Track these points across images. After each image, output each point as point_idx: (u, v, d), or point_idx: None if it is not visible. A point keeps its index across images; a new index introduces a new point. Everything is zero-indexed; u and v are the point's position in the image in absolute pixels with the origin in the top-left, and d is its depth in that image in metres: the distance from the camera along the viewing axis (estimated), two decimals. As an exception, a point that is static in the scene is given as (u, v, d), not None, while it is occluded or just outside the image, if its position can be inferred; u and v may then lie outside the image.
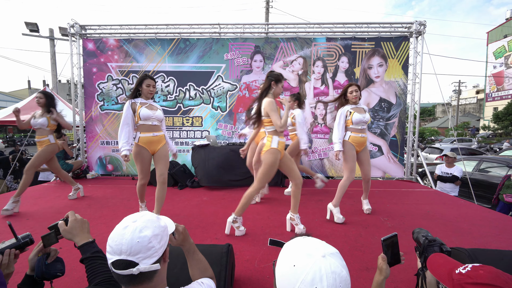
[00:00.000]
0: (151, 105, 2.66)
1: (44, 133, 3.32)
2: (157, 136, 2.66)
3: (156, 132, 2.65)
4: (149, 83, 2.62)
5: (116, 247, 0.74)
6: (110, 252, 0.75)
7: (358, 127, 2.93)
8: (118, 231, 0.77)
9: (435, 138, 24.44)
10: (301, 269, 0.61)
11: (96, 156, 5.39)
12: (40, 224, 2.73)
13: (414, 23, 4.90)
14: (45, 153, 3.29)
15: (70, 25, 5.16)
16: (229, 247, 1.50)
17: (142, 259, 0.74)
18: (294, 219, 2.53)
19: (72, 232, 1.00)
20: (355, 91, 2.90)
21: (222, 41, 5.17)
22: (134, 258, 0.73)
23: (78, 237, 0.99)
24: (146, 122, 2.58)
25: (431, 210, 3.23)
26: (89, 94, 5.33)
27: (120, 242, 0.74)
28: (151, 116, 2.58)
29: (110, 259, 0.75)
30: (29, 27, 10.26)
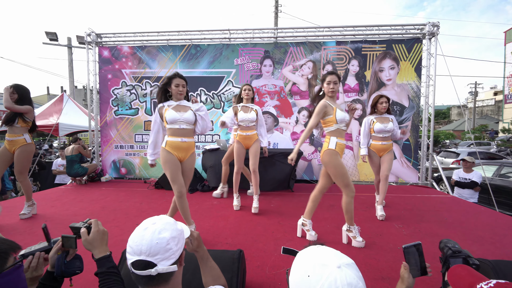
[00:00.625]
0: (180, 105, 2.33)
1: (17, 132, 2.92)
2: (186, 142, 2.33)
3: (184, 137, 2.32)
4: (178, 83, 2.30)
5: (136, 247, 0.77)
6: (130, 253, 0.78)
7: (380, 135, 3.20)
8: (138, 232, 0.80)
9: (450, 141, 23.65)
10: (315, 280, 0.60)
11: (110, 159, 5.54)
12: (57, 225, 2.82)
13: (427, 24, 4.79)
14: (26, 155, 2.96)
15: (87, 33, 5.36)
16: (241, 253, 1.49)
17: (160, 260, 0.76)
18: (306, 224, 2.48)
19: (93, 243, 0.99)
20: (385, 102, 3.18)
21: (232, 47, 5.23)
22: (153, 259, 0.76)
23: (97, 249, 0.99)
24: (173, 126, 2.29)
25: (448, 217, 3.11)
26: (104, 99, 5.50)
27: (140, 243, 0.77)
28: (178, 119, 2.26)
29: (130, 259, 0.78)
30: (49, 36, 10.73)
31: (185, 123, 2.30)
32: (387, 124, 3.18)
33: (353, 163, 5.10)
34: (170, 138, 2.31)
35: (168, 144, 2.31)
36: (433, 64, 4.83)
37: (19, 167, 2.96)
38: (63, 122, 6.70)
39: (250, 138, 3.26)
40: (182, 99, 2.37)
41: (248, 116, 3.20)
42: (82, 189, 4.57)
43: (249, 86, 3.30)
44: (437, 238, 2.51)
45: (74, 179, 4.96)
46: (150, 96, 5.42)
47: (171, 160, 2.28)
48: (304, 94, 5.14)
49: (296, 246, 0.92)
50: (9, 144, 2.94)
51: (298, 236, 2.53)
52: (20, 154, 2.93)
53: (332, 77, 2.30)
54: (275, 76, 5.19)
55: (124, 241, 2.49)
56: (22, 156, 2.94)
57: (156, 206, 3.61)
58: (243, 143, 3.25)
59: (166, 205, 3.66)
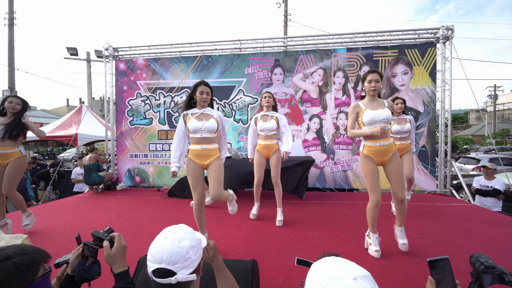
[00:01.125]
0: (204, 114, 2.34)
1: (11, 144, 2.78)
2: (206, 149, 2.32)
3: (205, 144, 2.32)
4: (203, 90, 2.30)
5: (157, 255, 0.79)
6: (151, 261, 0.80)
7: (397, 136, 3.30)
8: (159, 241, 0.83)
9: (469, 147, 22.68)
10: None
11: (125, 168, 5.69)
12: (75, 232, 2.90)
13: (440, 28, 4.71)
14: (20, 167, 2.83)
15: (105, 48, 5.63)
16: (255, 263, 1.48)
17: (180, 269, 0.78)
18: (395, 231, 2.38)
19: (114, 258, 1.00)
20: (400, 103, 3.32)
21: (243, 56, 5.33)
22: (173, 267, 0.78)
23: (117, 264, 1.00)
24: (195, 135, 2.31)
25: (471, 228, 2.96)
26: (120, 110, 5.70)
27: (161, 251, 0.79)
28: (200, 128, 2.28)
29: (151, 267, 0.80)
30: (70, 51, 11.32)
31: (206, 131, 2.31)
32: (404, 125, 3.31)
33: (367, 170, 4.98)
34: (192, 146, 2.36)
35: (190, 152, 2.37)
36: (449, 68, 4.71)
37: (11, 180, 2.76)
38: (82, 132, 6.98)
39: (270, 147, 3.11)
40: (206, 107, 2.37)
41: (267, 125, 3.08)
42: (98, 197, 4.70)
43: (270, 93, 3.17)
44: (458, 249, 2.39)
45: (91, 187, 5.12)
46: (163, 106, 5.57)
47: (193, 168, 2.32)
48: (315, 101, 5.12)
49: (310, 257, 0.91)
50: (2, 157, 2.76)
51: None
52: (14, 166, 2.76)
53: (373, 75, 2.25)
54: (286, 84, 5.22)
55: (139, 249, 2.54)
56: (16, 168, 2.78)
57: (169, 214, 3.66)
58: (262, 152, 3.14)
59: (179, 213, 3.71)
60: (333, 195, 4.65)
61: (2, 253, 0.70)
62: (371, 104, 2.31)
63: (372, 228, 2.34)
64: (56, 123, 7.86)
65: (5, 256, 0.69)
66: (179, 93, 5.54)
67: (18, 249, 0.73)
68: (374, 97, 2.33)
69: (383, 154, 2.27)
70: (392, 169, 2.28)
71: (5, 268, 0.67)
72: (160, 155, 5.54)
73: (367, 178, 2.29)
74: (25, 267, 0.70)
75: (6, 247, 0.73)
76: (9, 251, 0.71)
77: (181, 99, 5.52)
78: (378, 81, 2.26)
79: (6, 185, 2.76)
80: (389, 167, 2.30)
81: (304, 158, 4.38)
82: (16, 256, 0.71)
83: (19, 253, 0.72)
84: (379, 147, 2.26)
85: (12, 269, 0.68)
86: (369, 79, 2.28)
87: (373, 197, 2.26)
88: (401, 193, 2.26)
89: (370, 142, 2.29)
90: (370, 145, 2.29)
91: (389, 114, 2.27)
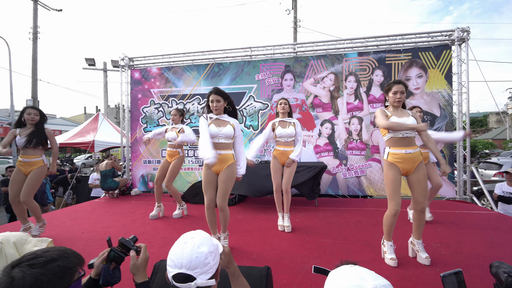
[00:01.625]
0: (220, 120, 2.43)
1: (36, 153, 2.91)
2: (221, 155, 2.37)
3: (220, 150, 2.38)
4: (213, 98, 2.39)
5: (177, 260, 0.81)
6: (171, 266, 0.82)
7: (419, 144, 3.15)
8: (178, 246, 0.85)
9: (490, 151, 21.69)
10: None
11: (139, 174, 5.82)
12: (93, 236, 2.99)
13: (455, 30, 4.59)
14: (41, 176, 2.92)
15: (121, 58, 5.86)
16: (268, 270, 1.47)
17: (199, 274, 0.80)
18: (414, 244, 2.30)
19: (139, 268, 1.03)
20: (418, 112, 3.09)
21: (253, 63, 5.39)
22: (193, 273, 0.80)
23: (140, 274, 1.03)
24: (213, 140, 2.37)
25: (494, 237, 2.81)
26: (134, 117, 5.88)
27: (181, 257, 0.81)
28: (217, 134, 2.36)
29: (171, 272, 0.82)
30: (88, 62, 11.83)
31: (224, 137, 2.39)
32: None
33: (381, 177, 4.86)
34: None
35: None
36: (465, 70, 4.57)
37: (30, 188, 2.85)
38: (98, 139, 7.23)
39: (287, 154, 3.07)
40: (220, 114, 2.45)
41: (287, 132, 3.06)
42: (114, 202, 4.83)
43: (286, 100, 3.17)
44: (482, 260, 2.27)
45: (107, 192, 5.26)
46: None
47: (205, 173, 2.42)
48: (326, 106, 5.09)
49: (323, 265, 0.90)
50: (25, 165, 2.88)
51: (410, 255, 2.34)
52: (36, 175, 2.87)
53: (398, 86, 2.23)
54: (296, 90, 5.22)
55: (154, 254, 2.57)
56: (37, 177, 2.88)
57: (182, 219, 3.70)
58: (279, 159, 3.11)
59: (192, 218, 3.74)
60: (346, 202, 4.56)
61: (48, 255, 0.74)
62: (396, 112, 2.29)
63: (387, 236, 2.28)
64: (74, 130, 8.19)
65: (51, 258, 0.73)
66: (190, 100, 5.65)
67: (60, 252, 0.77)
68: (397, 108, 2.31)
69: (409, 162, 2.19)
70: (418, 179, 2.19)
71: (51, 270, 0.70)
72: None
73: (388, 185, 2.22)
74: (67, 270, 0.74)
75: (49, 249, 0.78)
76: (53, 253, 0.75)
77: (192, 106, 5.63)
78: (403, 93, 2.24)
79: (24, 192, 2.85)
80: (414, 177, 2.21)
81: (316, 164, 4.33)
82: (60, 258, 0.74)
83: (61, 256, 0.76)
84: (405, 154, 2.18)
85: (57, 272, 0.71)
86: (394, 90, 2.24)
87: (392, 206, 2.19)
88: (423, 202, 2.19)
89: (395, 149, 2.22)
90: (395, 152, 2.21)
91: (414, 122, 2.22)
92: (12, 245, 1.00)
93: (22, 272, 0.68)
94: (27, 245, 1.03)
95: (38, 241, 1.07)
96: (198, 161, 5.59)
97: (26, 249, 1.06)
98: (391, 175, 2.20)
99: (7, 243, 0.99)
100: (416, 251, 2.28)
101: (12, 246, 0.99)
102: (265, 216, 3.70)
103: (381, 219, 3.41)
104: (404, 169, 2.20)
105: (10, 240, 1.01)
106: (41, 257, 0.72)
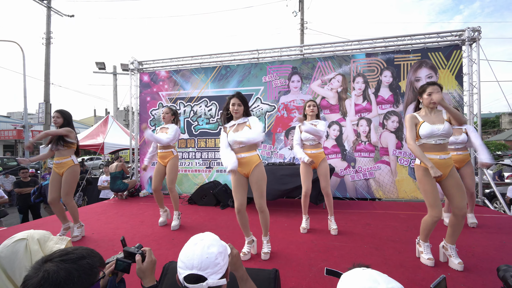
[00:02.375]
0: (239, 124, 2.42)
1: (65, 154, 3.04)
2: (245, 157, 2.36)
3: (243, 153, 2.36)
4: (234, 102, 2.40)
5: (188, 262, 0.83)
6: (182, 267, 0.84)
7: (452, 147, 2.98)
8: (189, 248, 0.87)
9: (502, 153, 21.08)
10: None
11: (147, 176, 5.91)
12: (103, 237, 3.06)
13: (466, 30, 4.51)
14: (74, 176, 3.04)
15: (130, 62, 5.98)
16: (276, 272, 1.47)
17: (210, 274, 0.82)
18: (447, 249, 2.24)
19: (145, 272, 1.03)
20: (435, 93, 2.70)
21: (260, 65, 5.42)
22: (204, 273, 0.81)
23: (147, 278, 1.03)
24: (234, 146, 2.40)
25: (507, 241, 2.73)
26: (143, 120, 5.98)
27: (191, 258, 0.83)
28: (235, 140, 2.33)
29: (182, 273, 0.83)
30: (98, 66, 12.10)
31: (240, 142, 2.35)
32: (459, 136, 3.01)
33: (390, 179, 4.80)
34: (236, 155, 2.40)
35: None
36: (476, 70, 4.48)
37: (67, 189, 2.99)
38: (108, 142, 7.38)
39: (316, 156, 3.02)
40: (239, 117, 2.44)
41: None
42: (123, 204, 4.91)
43: (314, 102, 3.12)
44: (496, 264, 2.21)
45: (116, 194, 5.36)
46: (183, 116, 5.76)
47: (234, 178, 2.41)
48: (334, 108, 5.06)
49: (331, 267, 0.90)
50: (58, 167, 3.02)
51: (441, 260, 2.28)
52: (68, 175, 2.99)
53: (434, 87, 2.16)
54: (304, 91, 5.21)
55: (162, 255, 2.61)
56: (70, 177, 3.01)
57: (190, 221, 3.73)
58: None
59: (200, 220, 3.77)
60: (354, 204, 4.51)
61: (78, 252, 0.78)
62: (429, 117, 2.20)
63: (424, 238, 2.27)
64: (85, 132, 8.38)
65: (81, 256, 0.77)
66: (198, 103, 5.71)
67: (88, 250, 0.82)
68: (432, 110, 2.23)
69: (442, 167, 2.12)
70: (456, 184, 2.13)
71: (81, 266, 0.74)
72: (181, 163, 5.70)
73: (428, 192, 2.15)
74: (93, 268, 0.78)
75: (78, 247, 0.82)
76: (82, 251, 0.79)
77: (200, 109, 5.69)
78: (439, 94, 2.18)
79: (63, 192, 3.01)
80: (450, 182, 2.14)
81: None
82: (88, 257, 0.79)
83: (90, 254, 0.80)
84: (439, 160, 2.13)
85: (87, 269, 0.75)
86: (429, 91, 2.17)
87: (434, 213, 2.14)
88: (464, 207, 2.11)
89: (430, 154, 2.15)
90: (430, 157, 2.14)
91: (450, 128, 2.13)
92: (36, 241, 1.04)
93: (56, 266, 0.72)
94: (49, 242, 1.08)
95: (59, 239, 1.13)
96: (206, 163, 5.63)
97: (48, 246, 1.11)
98: (429, 181, 2.14)
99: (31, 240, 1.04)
100: (448, 256, 2.21)
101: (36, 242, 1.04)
102: (273, 219, 3.69)
103: (390, 222, 3.38)
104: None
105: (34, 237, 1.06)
106: (72, 254, 0.77)
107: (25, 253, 1.03)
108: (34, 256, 1.08)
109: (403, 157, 4.75)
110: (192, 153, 5.73)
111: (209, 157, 5.59)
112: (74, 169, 3.05)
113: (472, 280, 1.99)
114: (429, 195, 2.15)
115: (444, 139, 2.15)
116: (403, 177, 4.73)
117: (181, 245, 0.92)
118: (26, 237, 1.07)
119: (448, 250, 2.21)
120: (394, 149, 4.78)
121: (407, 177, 4.71)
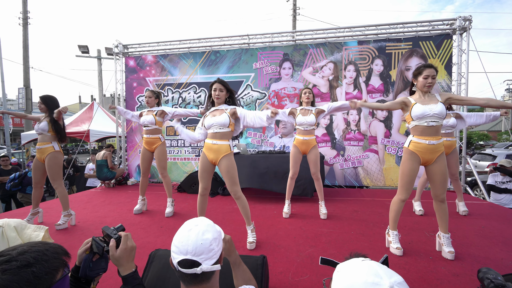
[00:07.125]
0: (218, 110, 2.40)
1: (46, 139, 2.99)
2: (217, 144, 2.33)
3: (216, 139, 2.34)
4: (216, 87, 2.38)
5: (182, 247, 0.82)
6: (176, 252, 0.83)
7: (442, 132, 2.97)
8: (183, 233, 0.86)
9: (484, 143, 21.93)
10: None
11: (135, 164, 5.79)
12: (89, 226, 2.99)
13: (457, 19, 4.51)
14: (56, 162, 2.99)
15: (115, 45, 5.69)
16: (264, 259, 1.48)
17: (204, 259, 0.82)
18: (440, 237, 2.24)
19: (120, 261, 0.94)
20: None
21: (251, 51, 5.28)
22: (198, 258, 0.81)
23: (123, 266, 0.94)
24: (209, 131, 2.40)
25: (486, 226, 2.86)
26: (129, 107, 5.78)
27: (186, 243, 0.82)
28: (212, 124, 2.34)
29: (176, 258, 0.83)
30: (81, 49, 11.51)
31: (218, 126, 2.34)
32: (449, 120, 3.01)
33: (378, 167, 4.89)
34: (206, 140, 2.43)
35: (204, 145, 2.44)
36: (465, 61, 4.53)
37: (51, 174, 2.98)
38: (94, 129, 7.13)
39: (308, 143, 3.06)
40: (221, 103, 2.44)
41: (307, 119, 3.01)
42: (110, 192, 4.81)
43: (309, 89, 3.13)
44: (474, 248, 2.32)
45: (103, 182, 5.24)
46: (171, 102, 5.61)
47: (201, 161, 2.44)
48: (325, 96, 5.04)
49: (319, 253, 0.90)
50: (39, 152, 3.00)
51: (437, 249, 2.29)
52: (49, 161, 2.96)
53: (430, 70, 2.12)
54: (295, 79, 5.15)
55: (150, 243, 2.57)
56: (52, 162, 2.97)
57: (179, 209, 3.71)
58: (300, 148, 3.10)
59: (189, 208, 3.75)
60: (342, 192, 4.60)
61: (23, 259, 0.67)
62: (422, 99, 2.17)
63: (393, 224, 2.31)
64: (69, 119, 8.06)
65: (26, 263, 0.67)
66: (186, 89, 5.56)
67: (39, 253, 0.70)
68: (426, 93, 2.19)
69: (430, 152, 2.12)
70: (438, 170, 2.14)
71: (23, 278, 0.64)
72: (169, 151, 5.60)
73: (405, 175, 2.19)
74: (43, 275, 0.68)
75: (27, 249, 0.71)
76: (30, 256, 0.68)
77: (188, 95, 5.54)
78: (434, 77, 2.13)
79: (50, 179, 3.01)
80: (434, 167, 2.15)
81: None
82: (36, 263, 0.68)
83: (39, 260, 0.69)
84: (428, 145, 2.11)
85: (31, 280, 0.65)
86: (425, 74, 2.12)
87: (403, 194, 2.22)
88: (443, 193, 2.16)
89: (419, 138, 2.14)
90: (418, 141, 2.14)
91: (443, 109, 2.07)
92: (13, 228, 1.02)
93: None
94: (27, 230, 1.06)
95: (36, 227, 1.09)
96: (195, 151, 5.56)
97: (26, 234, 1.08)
98: (410, 165, 2.17)
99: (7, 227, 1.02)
100: (441, 244, 2.22)
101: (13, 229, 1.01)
102: (262, 206, 3.72)
103: (376, 209, 3.45)
104: (424, 159, 2.16)
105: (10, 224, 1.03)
106: (15, 261, 0.66)
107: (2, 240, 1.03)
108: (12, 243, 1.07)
109: (391, 146, 4.83)
110: (181, 141, 5.63)
111: (198, 145, 5.51)
112: (55, 155, 3.01)
113: (452, 263, 2.08)
114: (404, 177, 2.20)
115: (437, 121, 2.10)
116: (391, 165, 4.83)
117: (170, 233, 0.89)
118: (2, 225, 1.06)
119: (441, 238, 2.23)
120: (383, 138, 4.85)
121: (394, 165, 4.82)
